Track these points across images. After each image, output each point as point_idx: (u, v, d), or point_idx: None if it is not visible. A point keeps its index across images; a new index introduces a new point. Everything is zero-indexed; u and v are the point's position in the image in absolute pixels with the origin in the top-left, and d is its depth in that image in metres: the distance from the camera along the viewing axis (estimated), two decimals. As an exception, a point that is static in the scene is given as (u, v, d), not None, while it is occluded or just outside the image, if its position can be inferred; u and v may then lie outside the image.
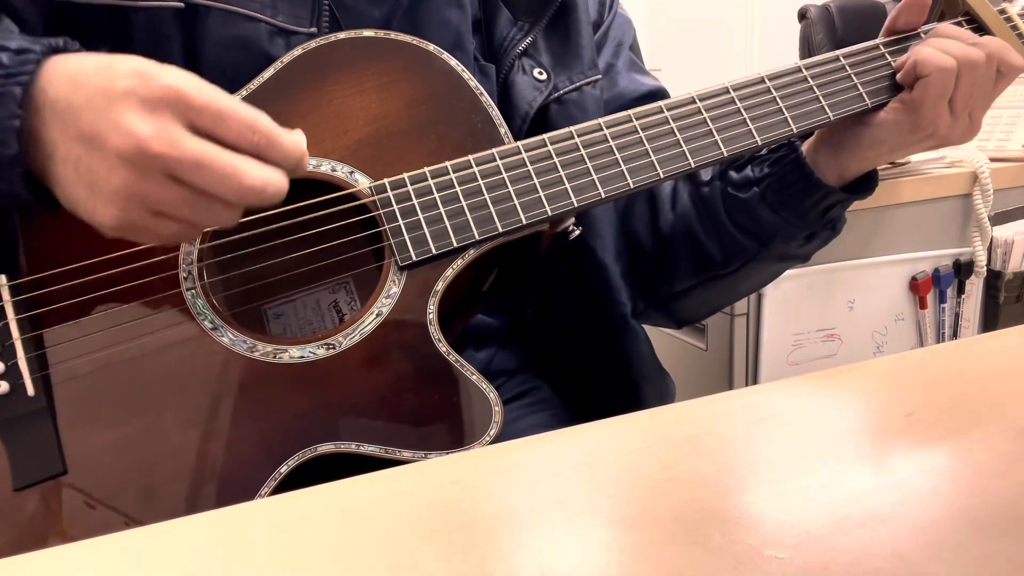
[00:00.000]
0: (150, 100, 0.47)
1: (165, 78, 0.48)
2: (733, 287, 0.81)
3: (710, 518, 0.34)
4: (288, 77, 0.61)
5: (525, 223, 0.60)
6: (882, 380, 0.48)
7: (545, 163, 0.61)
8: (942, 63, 0.64)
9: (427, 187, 0.59)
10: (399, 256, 0.58)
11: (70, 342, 0.55)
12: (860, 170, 0.70)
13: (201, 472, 0.53)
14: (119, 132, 0.47)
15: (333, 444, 0.53)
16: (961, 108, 0.65)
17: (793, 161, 0.70)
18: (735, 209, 0.74)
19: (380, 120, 0.62)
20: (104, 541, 0.37)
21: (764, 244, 0.74)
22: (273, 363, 0.56)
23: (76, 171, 0.49)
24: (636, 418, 0.46)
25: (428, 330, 0.57)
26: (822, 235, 0.74)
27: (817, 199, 0.70)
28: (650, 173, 0.62)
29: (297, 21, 0.65)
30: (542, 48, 0.74)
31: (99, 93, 0.48)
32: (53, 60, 0.50)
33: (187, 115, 0.48)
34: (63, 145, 0.49)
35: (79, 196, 0.49)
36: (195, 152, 0.47)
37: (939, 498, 0.35)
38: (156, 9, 0.61)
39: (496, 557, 0.33)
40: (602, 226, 0.75)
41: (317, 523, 0.37)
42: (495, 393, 0.56)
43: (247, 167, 0.48)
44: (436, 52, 0.63)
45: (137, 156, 0.47)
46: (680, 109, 0.64)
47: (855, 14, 2.63)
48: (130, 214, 0.49)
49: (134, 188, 0.48)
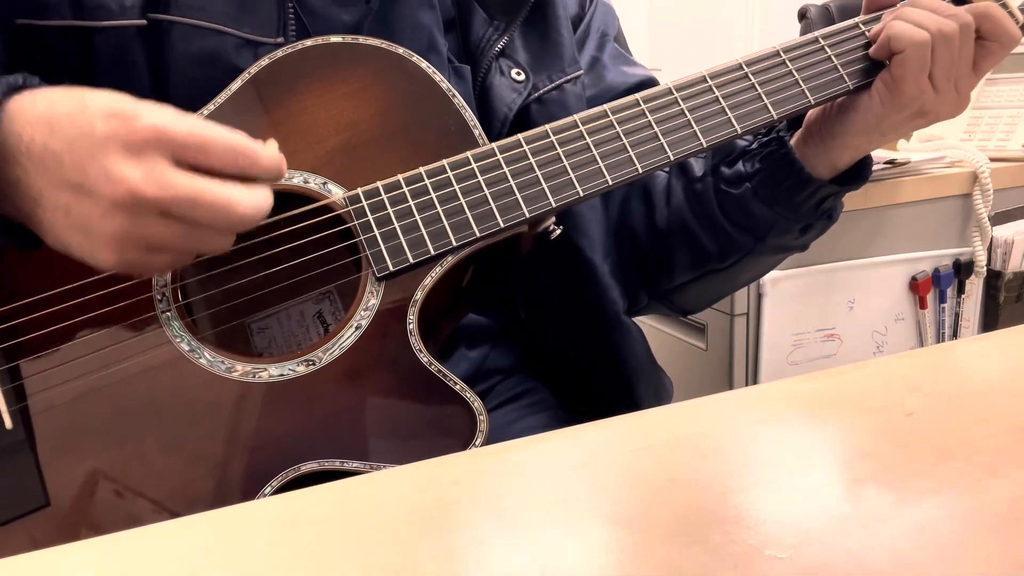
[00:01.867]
0: (134, 144, 0.47)
1: (146, 119, 0.47)
2: (733, 278, 0.80)
3: (710, 518, 0.34)
4: (256, 89, 0.60)
5: (503, 226, 0.58)
6: (882, 380, 0.48)
7: (521, 163, 0.60)
8: (916, 37, 0.62)
9: (402, 195, 0.58)
10: (376, 267, 0.57)
11: (47, 371, 0.54)
12: (852, 159, 0.69)
13: (185, 496, 0.52)
14: (109, 180, 0.47)
15: (316, 462, 0.53)
16: (943, 82, 0.63)
17: (783, 156, 0.70)
18: (728, 205, 0.73)
19: (352, 128, 0.60)
20: (104, 541, 0.37)
21: (760, 238, 0.74)
22: (253, 383, 0.55)
23: (68, 218, 0.48)
24: (636, 418, 0.46)
25: (409, 340, 0.56)
26: (818, 225, 0.74)
27: (809, 193, 0.70)
28: (628, 168, 0.61)
29: (263, 31, 0.63)
30: (519, 47, 0.73)
31: (79, 138, 0.47)
32: (18, 101, 0.49)
33: (173, 151, 0.48)
34: (49, 192, 0.48)
35: (73, 241, 0.49)
36: (187, 190, 0.47)
37: (939, 498, 0.35)
38: (118, 28, 0.60)
39: (496, 557, 0.33)
40: (589, 224, 0.74)
41: (317, 523, 0.37)
42: (480, 402, 0.55)
43: (238, 197, 0.49)
44: (406, 55, 0.62)
45: (130, 201, 0.47)
46: (657, 101, 0.62)
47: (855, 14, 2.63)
48: (128, 255, 0.49)
49: (131, 231, 0.48)
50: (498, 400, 0.75)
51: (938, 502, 0.35)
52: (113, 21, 0.60)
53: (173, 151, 0.48)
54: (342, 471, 0.53)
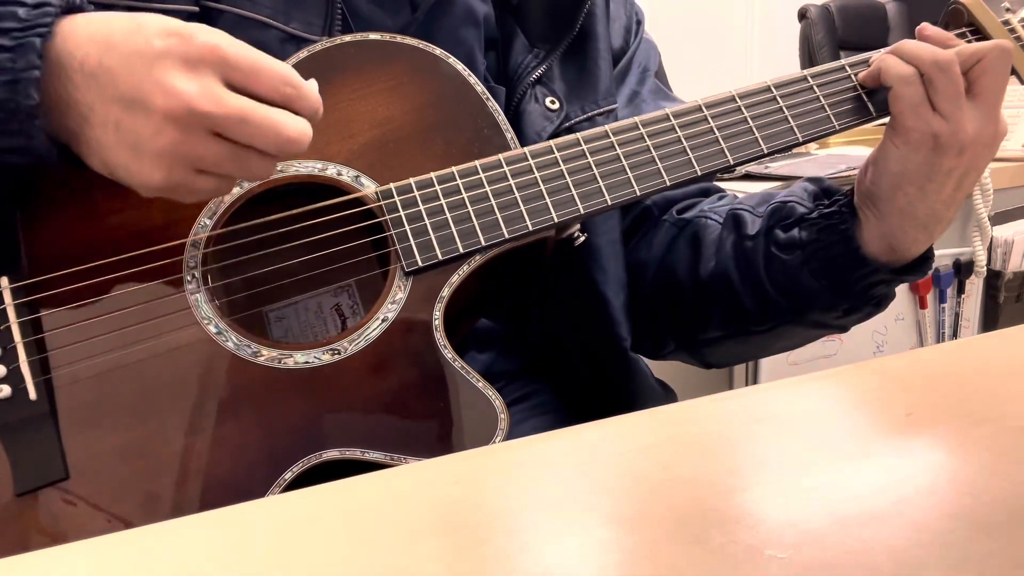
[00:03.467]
0: (190, 59, 0.48)
1: (203, 36, 0.49)
2: (766, 345, 0.79)
3: (710, 518, 0.34)
4: None
5: (532, 229, 0.60)
6: (882, 380, 0.48)
7: (552, 170, 0.61)
8: (900, 71, 0.62)
9: (433, 193, 0.59)
10: (405, 262, 0.58)
11: (73, 345, 0.54)
12: (906, 236, 0.66)
13: (204, 478, 0.53)
14: (165, 93, 0.47)
15: (338, 450, 0.53)
16: (949, 109, 0.62)
17: (841, 232, 0.67)
18: (776, 270, 0.71)
19: (386, 124, 0.61)
20: (104, 541, 0.37)
21: (800, 310, 0.71)
22: (278, 368, 0.55)
23: (117, 133, 0.49)
24: (636, 418, 0.46)
25: (434, 336, 0.57)
26: (864, 310, 0.71)
27: (861, 274, 0.67)
28: (656, 180, 0.62)
29: (309, 28, 0.65)
30: (557, 76, 0.73)
31: (135, 53, 0.48)
32: (73, 20, 0.50)
33: (224, 72, 0.49)
34: (101, 108, 0.49)
35: (120, 159, 0.50)
36: (239, 108, 0.48)
37: (939, 497, 0.35)
38: (171, 12, 0.61)
39: (496, 557, 0.33)
40: (606, 260, 0.74)
41: (317, 523, 0.37)
42: (500, 400, 0.56)
43: (285, 119, 0.50)
44: (443, 56, 0.63)
45: (185, 115, 0.48)
46: (686, 117, 0.64)
47: (855, 14, 2.63)
48: (175, 174, 0.50)
49: (181, 148, 0.49)
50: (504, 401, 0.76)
51: (938, 502, 0.35)
52: (165, 4, 0.61)
53: (226, 71, 0.49)
54: (363, 461, 0.53)
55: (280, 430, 0.54)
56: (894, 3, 2.70)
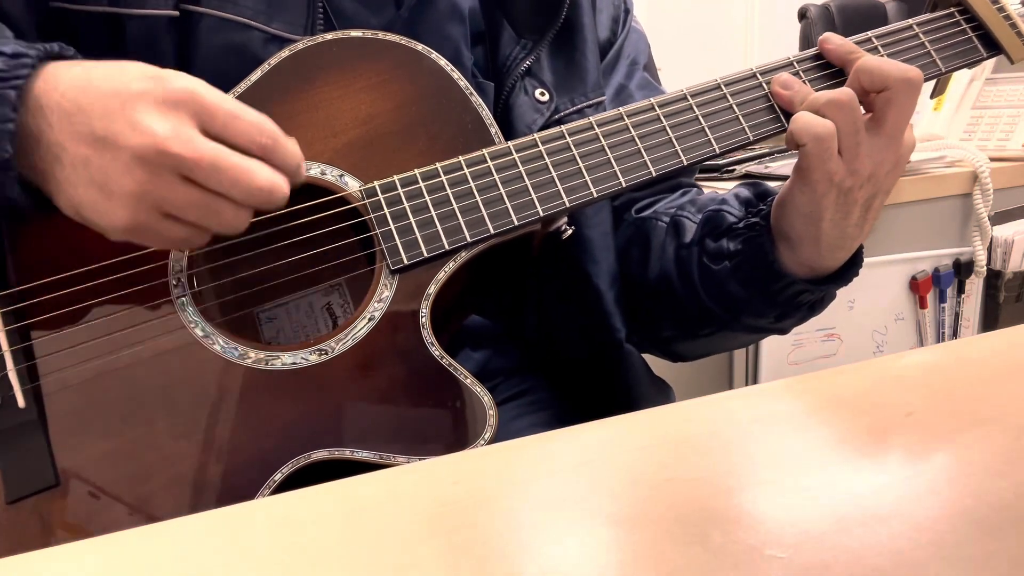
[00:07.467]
0: (167, 101, 0.48)
1: (181, 81, 0.48)
2: (713, 345, 0.79)
3: (710, 518, 0.34)
4: (276, 79, 0.61)
5: (517, 224, 0.59)
6: (882, 380, 0.48)
7: (536, 163, 0.60)
8: (816, 131, 0.60)
9: (418, 190, 0.59)
10: (390, 260, 0.58)
11: (61, 352, 0.54)
12: (823, 258, 0.65)
13: (195, 481, 0.53)
14: (136, 131, 0.47)
15: (327, 451, 0.53)
16: (852, 151, 0.60)
17: (759, 246, 0.67)
18: (706, 278, 0.71)
19: (370, 121, 0.61)
20: (104, 541, 0.37)
21: (734, 317, 0.71)
22: (265, 370, 0.55)
23: (86, 172, 0.48)
24: (636, 418, 0.46)
25: (421, 334, 0.57)
26: (797, 315, 0.70)
27: (783, 285, 0.67)
28: (642, 171, 0.61)
29: (291, 28, 0.64)
30: (546, 67, 0.73)
31: (112, 95, 0.48)
32: (55, 65, 0.50)
33: (201, 118, 0.48)
34: (72, 147, 0.48)
35: (87, 199, 0.49)
36: (210, 153, 0.48)
37: (939, 498, 0.35)
38: (150, 17, 0.60)
39: (496, 557, 0.33)
40: (599, 252, 0.74)
41: (317, 523, 0.37)
42: (489, 396, 0.55)
43: (257, 168, 0.49)
44: (425, 52, 0.62)
45: (154, 155, 0.47)
46: (672, 106, 0.63)
47: (855, 13, 2.63)
48: (141, 216, 0.49)
49: (147, 188, 0.48)
50: (500, 398, 0.75)
51: (938, 502, 0.35)
52: (146, 10, 0.60)
53: (202, 117, 0.48)
54: (352, 460, 0.53)
55: (269, 432, 0.54)
56: (894, 3, 2.70)
